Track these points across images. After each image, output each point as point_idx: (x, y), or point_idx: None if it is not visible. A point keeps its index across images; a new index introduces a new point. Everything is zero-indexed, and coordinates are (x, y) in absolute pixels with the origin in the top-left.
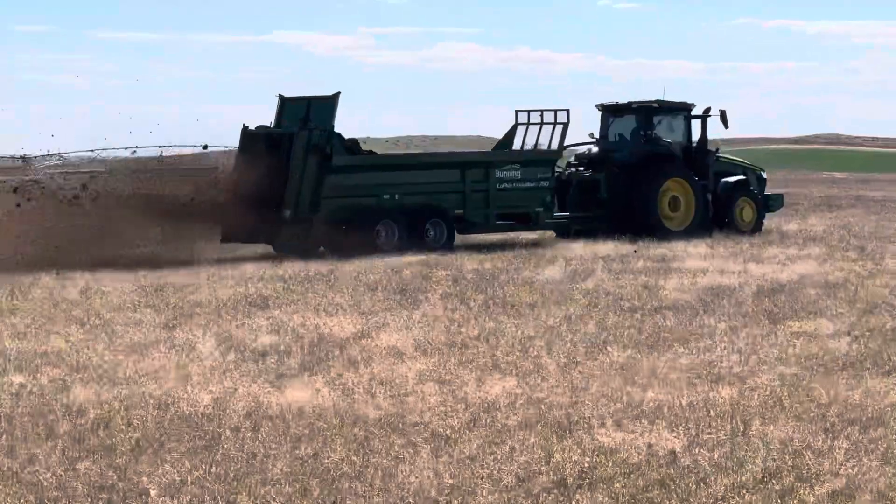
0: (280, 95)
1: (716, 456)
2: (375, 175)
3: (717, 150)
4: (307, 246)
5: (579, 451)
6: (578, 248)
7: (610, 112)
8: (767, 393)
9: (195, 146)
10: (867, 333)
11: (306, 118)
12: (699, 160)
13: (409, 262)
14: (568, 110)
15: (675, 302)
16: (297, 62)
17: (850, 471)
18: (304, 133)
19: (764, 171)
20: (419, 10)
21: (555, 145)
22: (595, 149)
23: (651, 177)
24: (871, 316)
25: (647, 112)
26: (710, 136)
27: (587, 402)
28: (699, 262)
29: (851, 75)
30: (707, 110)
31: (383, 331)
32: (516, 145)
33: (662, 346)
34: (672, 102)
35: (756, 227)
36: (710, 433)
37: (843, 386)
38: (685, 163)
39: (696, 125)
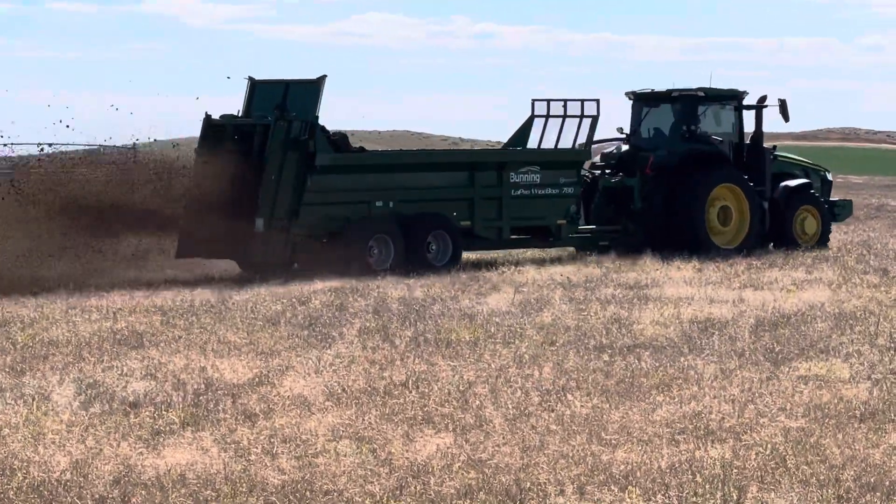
0: (250, 78)
1: None
2: (368, 178)
3: (775, 147)
4: (283, 262)
5: None
6: (531, 272)
7: (643, 102)
8: (767, 452)
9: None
10: (890, 377)
11: (283, 106)
12: (753, 160)
13: (319, 290)
14: (598, 100)
15: (652, 339)
16: (173, 38)
17: None
18: (281, 124)
19: (829, 171)
20: None
21: (568, 143)
22: (625, 147)
23: (697, 182)
24: (895, 355)
25: (690, 102)
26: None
27: (542, 465)
28: (683, 288)
29: (873, 54)
30: (762, 99)
31: (287, 375)
32: (532, 143)
33: (637, 393)
34: (720, 90)
35: (821, 241)
36: (695, 502)
37: (862, 442)
38: (736, 164)
39: (748, 117)
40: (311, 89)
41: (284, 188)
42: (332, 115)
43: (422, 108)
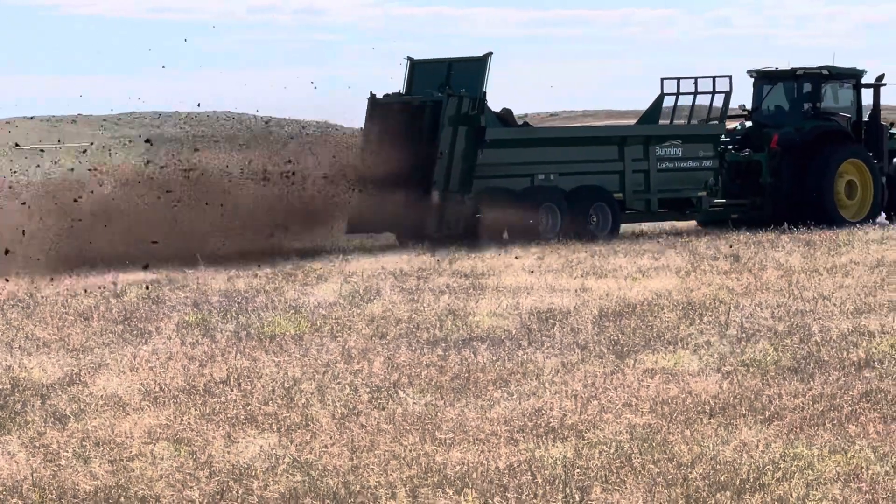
0: (409, 58)
1: None
2: (531, 151)
3: (893, 125)
4: (457, 232)
5: None
6: (361, 261)
7: (765, 80)
8: (612, 450)
9: None
10: (742, 369)
11: (447, 83)
12: (872, 137)
13: (134, 281)
14: (730, 76)
15: (489, 331)
16: None
17: None
18: (454, 101)
19: None
20: None
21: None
22: (748, 124)
23: (826, 158)
24: (747, 346)
25: (815, 80)
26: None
27: (372, 466)
28: (522, 276)
29: (722, 27)
30: (880, 78)
31: (100, 374)
32: (663, 120)
33: (473, 389)
34: (842, 69)
35: None
36: None
37: (711, 439)
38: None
39: (866, 95)
40: (477, 66)
41: (457, 162)
42: (148, 96)
43: (243, 85)
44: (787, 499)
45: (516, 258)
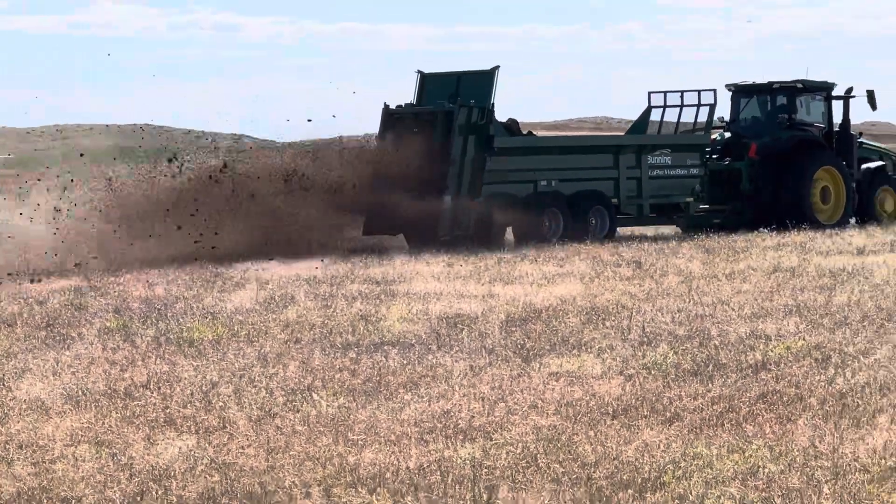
0: (419, 71)
1: None
2: (535, 159)
3: (860, 134)
4: (468, 234)
5: None
6: (276, 269)
7: (742, 93)
8: (518, 450)
9: None
10: (643, 372)
11: (456, 95)
12: (843, 146)
13: (58, 289)
14: (714, 90)
15: (400, 336)
16: None
17: None
18: (464, 111)
19: None
20: None
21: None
22: (728, 134)
23: (801, 166)
24: (648, 349)
25: (789, 93)
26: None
27: (287, 467)
28: (432, 283)
29: (624, 41)
30: (849, 90)
31: (23, 378)
32: (650, 130)
33: (384, 392)
34: (815, 82)
35: None
36: (446, 503)
37: (614, 440)
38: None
39: (836, 107)
40: (485, 79)
41: (467, 168)
42: (75, 109)
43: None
44: (687, 497)
45: (426, 265)
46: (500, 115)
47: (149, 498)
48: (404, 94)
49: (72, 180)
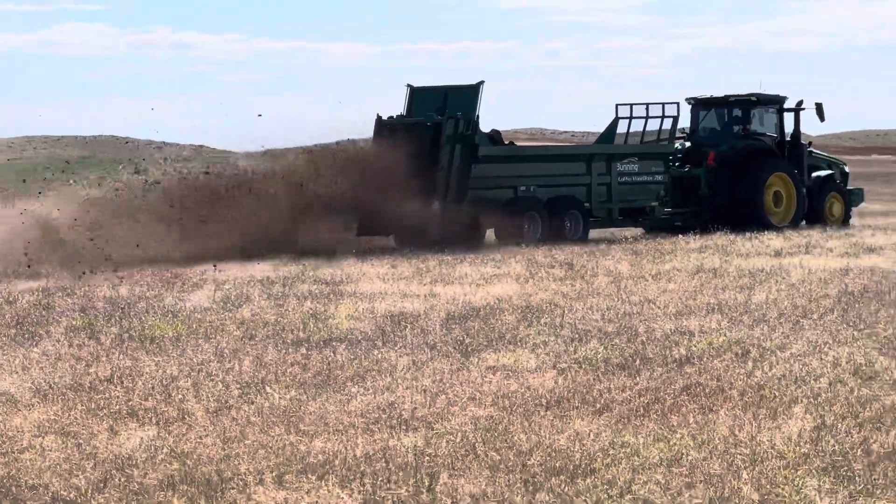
0: (409, 85)
1: None
2: (515, 167)
3: (811, 143)
4: (454, 236)
5: None
6: (232, 270)
7: (701, 106)
8: (458, 439)
9: None
10: (575, 366)
11: (444, 107)
12: (794, 154)
13: (27, 290)
14: (678, 103)
15: (348, 332)
16: None
17: None
18: (451, 122)
19: (846, 164)
20: None
21: (651, 139)
22: (688, 144)
23: (756, 172)
24: (579, 345)
25: (745, 106)
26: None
27: (242, 455)
28: (377, 283)
29: (553, 58)
30: (800, 103)
31: None
32: (618, 140)
33: (333, 385)
34: (768, 95)
35: (845, 222)
36: (389, 489)
37: (547, 429)
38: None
39: (787, 118)
40: (471, 93)
41: (454, 175)
42: (42, 123)
43: (126, 113)
44: (616, 482)
45: (372, 267)
46: (484, 126)
47: (112, 485)
48: (351, 103)
49: (71, 182)
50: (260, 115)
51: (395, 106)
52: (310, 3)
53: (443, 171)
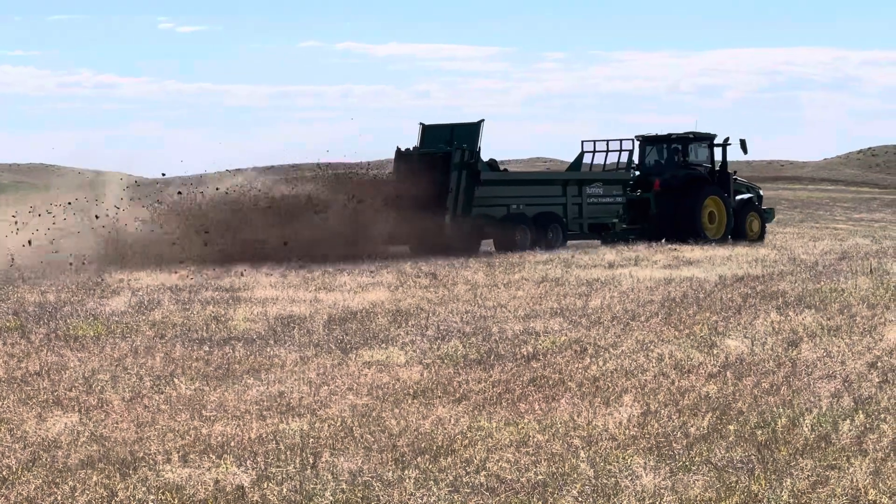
0: (421, 123)
1: (284, 490)
2: (508, 188)
3: (735, 172)
4: (462, 245)
5: (143, 488)
6: (145, 279)
7: (648, 142)
8: (338, 424)
9: None
10: (438, 361)
11: (451, 141)
12: (722, 181)
13: None
14: (633, 139)
15: (244, 332)
16: None
17: (418, 501)
18: (458, 152)
19: (761, 188)
20: None
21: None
22: (637, 173)
23: (694, 196)
24: (442, 343)
25: (684, 141)
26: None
27: (153, 438)
28: (269, 290)
29: (423, 99)
30: (727, 140)
31: None
32: (584, 169)
33: (232, 377)
34: (702, 133)
35: (761, 237)
36: (279, 466)
37: (414, 415)
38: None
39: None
40: (473, 129)
41: (461, 195)
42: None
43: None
44: (473, 461)
45: (265, 276)
46: (484, 156)
47: (39, 464)
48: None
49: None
50: (182, 161)
51: (297, 138)
52: (214, 50)
53: (452, 192)
